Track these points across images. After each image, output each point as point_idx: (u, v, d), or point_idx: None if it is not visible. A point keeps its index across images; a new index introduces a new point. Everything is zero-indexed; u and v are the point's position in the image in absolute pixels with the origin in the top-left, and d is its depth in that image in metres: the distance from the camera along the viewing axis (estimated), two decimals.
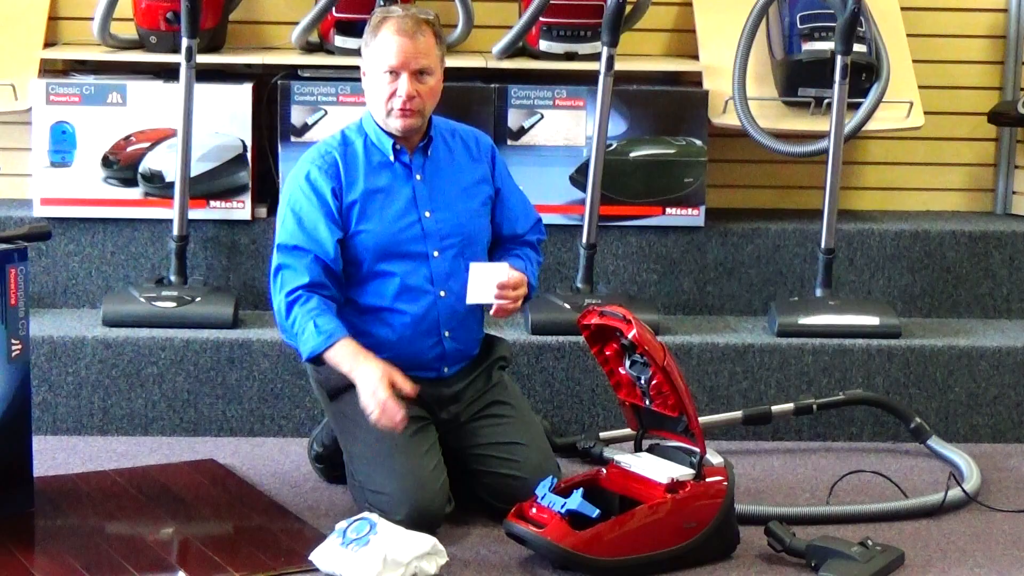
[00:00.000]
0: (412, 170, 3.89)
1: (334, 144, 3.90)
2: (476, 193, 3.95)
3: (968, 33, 5.41)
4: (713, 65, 5.10)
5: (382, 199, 3.85)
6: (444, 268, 3.86)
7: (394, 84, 3.81)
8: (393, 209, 3.85)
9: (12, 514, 3.81)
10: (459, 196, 3.92)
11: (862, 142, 5.33)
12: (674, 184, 4.98)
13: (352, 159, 3.87)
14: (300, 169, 3.88)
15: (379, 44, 3.82)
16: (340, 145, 3.90)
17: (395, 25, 3.81)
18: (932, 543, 3.82)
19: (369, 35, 3.86)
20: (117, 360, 4.52)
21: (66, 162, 4.85)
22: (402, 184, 3.88)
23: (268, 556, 3.62)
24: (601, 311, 3.70)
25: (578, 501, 3.54)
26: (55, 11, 5.16)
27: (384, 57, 3.80)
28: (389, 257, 3.83)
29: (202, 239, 4.89)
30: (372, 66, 3.84)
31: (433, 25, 3.86)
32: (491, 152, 4.04)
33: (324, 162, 3.86)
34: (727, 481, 3.65)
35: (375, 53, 3.83)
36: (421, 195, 3.88)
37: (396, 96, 3.80)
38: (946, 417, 4.67)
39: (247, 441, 4.50)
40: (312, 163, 3.86)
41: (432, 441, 3.83)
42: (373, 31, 3.85)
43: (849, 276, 5.03)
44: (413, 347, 3.84)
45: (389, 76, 3.80)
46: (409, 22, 3.82)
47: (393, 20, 3.83)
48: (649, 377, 3.67)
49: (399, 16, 3.83)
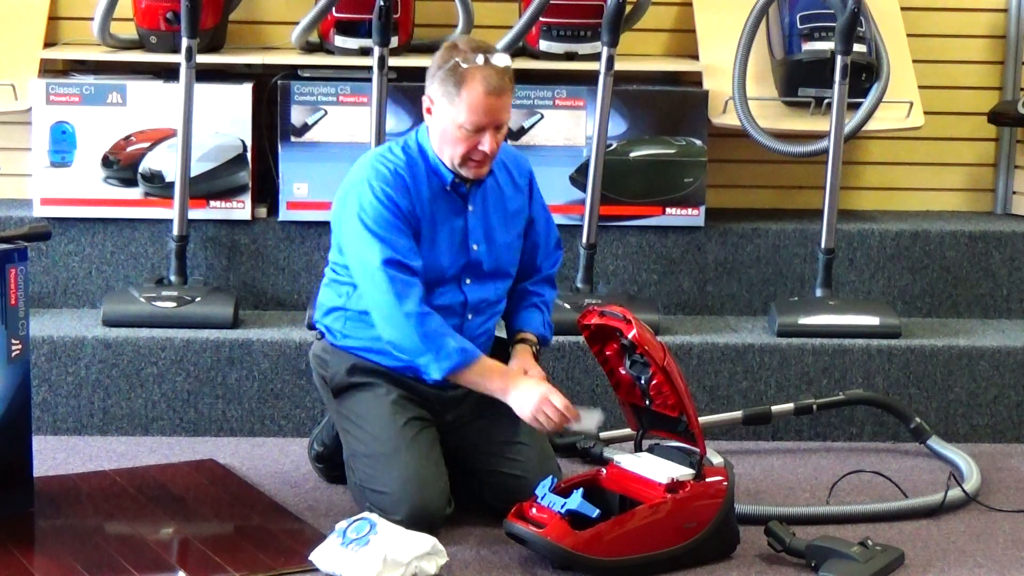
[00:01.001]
0: (467, 201, 3.84)
1: (400, 163, 3.79)
2: (515, 224, 3.93)
3: (968, 33, 5.41)
4: (713, 65, 5.10)
5: (439, 229, 3.80)
6: (477, 295, 3.86)
7: (475, 139, 3.71)
8: (445, 240, 3.81)
9: (12, 514, 3.81)
10: (502, 227, 3.90)
11: (862, 142, 5.34)
12: (674, 184, 4.98)
13: (417, 182, 3.79)
14: (365, 185, 3.75)
15: (466, 100, 3.67)
16: (406, 166, 3.79)
17: (484, 83, 3.67)
18: (932, 543, 3.82)
19: (449, 81, 3.70)
20: (117, 360, 4.52)
21: (66, 162, 4.85)
22: (456, 215, 3.83)
23: (268, 556, 3.62)
24: (601, 311, 3.70)
25: (578, 501, 3.54)
26: (55, 11, 5.16)
27: (471, 115, 3.68)
28: (430, 286, 3.79)
29: (202, 239, 4.89)
30: (450, 116, 3.71)
31: (512, 75, 3.75)
32: (529, 178, 4.00)
33: (395, 180, 3.76)
34: (727, 481, 3.65)
35: (459, 108, 3.69)
36: (473, 227, 3.84)
37: (477, 150, 3.72)
38: (946, 417, 4.67)
39: (247, 441, 4.50)
40: (383, 181, 3.75)
41: (434, 442, 3.83)
42: (456, 80, 3.69)
43: (849, 276, 5.03)
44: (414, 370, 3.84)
45: (471, 131, 3.71)
46: (496, 79, 3.68)
47: (482, 76, 3.67)
48: (649, 377, 3.67)
49: (487, 70, 3.68)
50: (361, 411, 3.83)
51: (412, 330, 3.69)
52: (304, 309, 4.76)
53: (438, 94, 3.74)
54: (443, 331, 3.71)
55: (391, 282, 3.69)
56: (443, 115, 3.74)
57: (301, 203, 4.91)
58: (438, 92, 3.74)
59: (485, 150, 3.73)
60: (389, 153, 3.84)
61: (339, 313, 3.90)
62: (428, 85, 3.77)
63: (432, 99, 3.77)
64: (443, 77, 3.72)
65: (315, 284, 4.86)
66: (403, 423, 3.79)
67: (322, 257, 4.88)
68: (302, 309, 4.81)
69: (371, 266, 3.71)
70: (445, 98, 3.72)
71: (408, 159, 3.81)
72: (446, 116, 3.73)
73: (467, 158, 3.75)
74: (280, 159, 4.91)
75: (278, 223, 4.93)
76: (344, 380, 3.85)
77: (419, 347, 3.70)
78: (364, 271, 3.74)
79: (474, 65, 3.69)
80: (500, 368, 3.76)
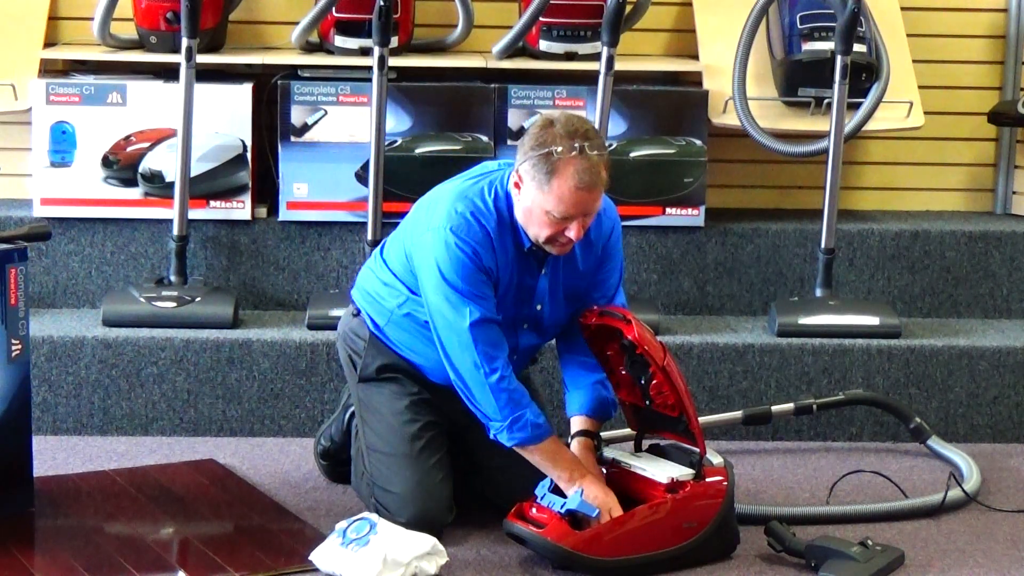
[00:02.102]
0: (542, 265, 3.74)
1: (488, 215, 3.64)
2: (581, 282, 3.81)
3: (968, 33, 5.41)
4: (713, 65, 5.10)
5: (511, 288, 3.72)
6: (529, 342, 3.84)
7: (561, 225, 3.56)
8: (513, 299, 3.73)
9: (12, 514, 3.81)
10: (569, 293, 3.80)
11: (862, 142, 5.33)
12: (674, 184, 4.98)
13: (502, 238, 3.65)
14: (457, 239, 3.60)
15: (556, 191, 3.51)
16: (495, 221, 3.63)
17: (578, 177, 3.50)
18: (932, 543, 3.82)
19: (542, 166, 3.52)
20: (117, 360, 4.52)
21: (66, 162, 4.85)
22: (530, 278, 3.73)
23: (268, 556, 3.62)
24: (601, 311, 3.70)
25: (578, 501, 3.54)
26: (55, 11, 5.16)
27: (560, 206, 3.53)
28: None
29: (202, 239, 4.89)
30: (539, 200, 3.55)
31: (608, 163, 3.57)
32: (608, 237, 3.81)
33: (484, 241, 3.61)
34: (727, 481, 3.65)
35: (549, 196, 3.52)
36: (542, 290, 3.76)
37: (563, 235, 3.59)
38: (946, 417, 4.67)
39: (247, 441, 4.50)
40: (474, 239, 3.60)
41: (443, 450, 3.83)
42: (550, 168, 3.51)
43: (849, 276, 5.03)
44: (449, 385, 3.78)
45: (558, 219, 3.55)
46: (591, 174, 3.51)
47: (575, 170, 3.50)
48: (649, 377, 3.66)
49: (583, 163, 3.50)
50: (382, 406, 3.82)
51: (493, 397, 3.61)
52: (304, 309, 4.76)
53: (528, 176, 3.55)
54: (523, 401, 3.62)
55: (476, 345, 3.59)
56: (531, 197, 3.56)
57: (301, 203, 4.90)
58: (528, 174, 3.55)
59: (571, 236, 3.59)
60: (480, 202, 3.65)
61: (385, 311, 3.83)
62: (519, 161, 3.58)
63: (521, 177, 3.57)
64: (535, 161, 3.53)
65: (315, 284, 4.89)
66: (419, 428, 3.80)
67: (322, 257, 4.89)
68: (302, 309, 4.80)
69: (459, 327, 3.60)
70: (534, 183, 3.54)
71: (498, 215, 3.66)
72: (535, 200, 3.56)
73: (551, 241, 3.62)
74: (280, 159, 4.91)
75: (278, 223, 4.92)
76: (373, 375, 3.85)
77: (496, 412, 3.62)
78: (450, 329, 3.62)
79: (569, 156, 3.52)
80: (569, 458, 3.68)
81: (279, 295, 4.92)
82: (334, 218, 4.90)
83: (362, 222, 4.78)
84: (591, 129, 3.61)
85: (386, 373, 3.85)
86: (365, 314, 3.89)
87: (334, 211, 4.90)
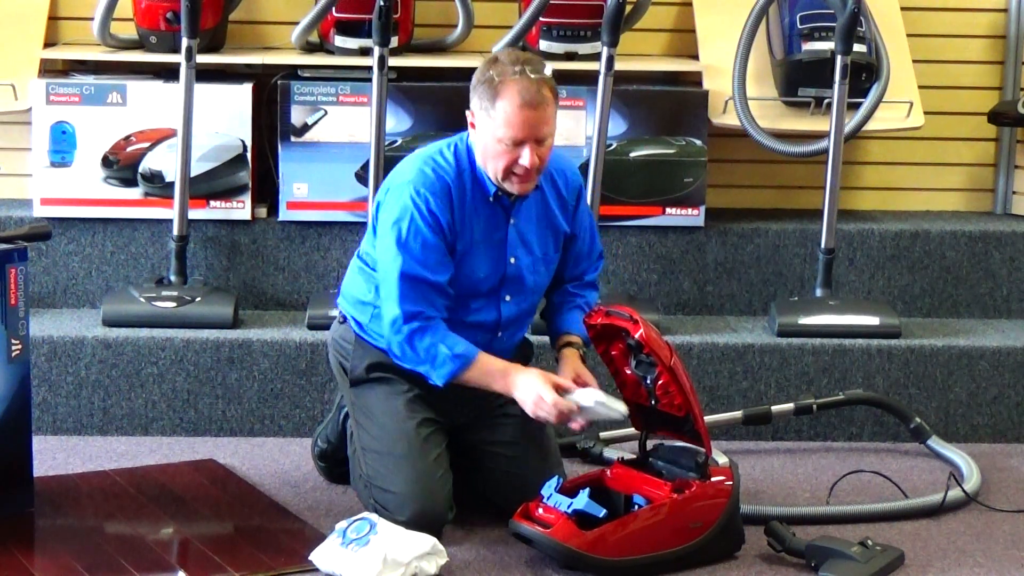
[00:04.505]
0: (509, 214, 3.79)
1: (448, 169, 3.74)
2: (555, 239, 3.88)
3: (968, 33, 5.41)
4: (713, 65, 5.10)
5: (478, 240, 3.77)
6: (512, 312, 3.84)
7: (515, 153, 3.64)
8: (484, 253, 3.78)
9: (12, 514, 3.81)
10: (540, 241, 3.85)
11: (862, 142, 5.33)
12: (674, 184, 4.98)
13: (463, 189, 3.74)
14: (411, 190, 3.71)
15: (502, 112, 3.61)
16: (455, 174, 3.74)
17: (520, 96, 3.60)
18: (932, 543, 3.82)
19: (486, 95, 3.64)
20: (117, 360, 4.52)
21: (66, 162, 4.85)
22: (497, 226, 3.78)
23: (268, 556, 3.62)
24: (607, 311, 3.69)
25: (584, 501, 3.54)
26: (55, 11, 5.16)
27: (508, 128, 3.62)
28: (466, 297, 3.78)
29: (202, 239, 4.89)
30: (489, 129, 3.65)
31: (551, 85, 3.67)
32: (578, 192, 3.92)
33: (441, 191, 3.71)
34: (732, 481, 3.65)
35: (496, 121, 3.63)
36: (512, 240, 3.80)
37: (517, 164, 3.66)
38: (946, 417, 4.67)
39: (247, 441, 4.50)
40: (429, 190, 3.70)
41: (442, 447, 3.83)
42: (492, 92, 3.63)
43: (849, 276, 5.03)
44: None
45: (510, 145, 3.65)
46: (534, 90, 3.60)
47: (516, 87, 3.60)
48: (655, 377, 3.66)
49: (521, 80, 3.60)
50: (376, 406, 3.83)
51: (408, 344, 3.68)
52: (304, 309, 4.76)
53: (477, 108, 3.68)
54: (435, 342, 3.67)
55: (402, 297, 3.67)
56: (483, 129, 3.68)
57: (301, 203, 4.91)
58: (477, 107, 3.68)
59: (525, 164, 3.65)
60: (440, 157, 3.76)
61: (367, 308, 3.86)
62: (470, 99, 3.71)
63: (473, 113, 3.71)
64: (481, 91, 3.66)
65: (315, 284, 4.89)
66: (416, 424, 3.79)
67: (322, 257, 4.89)
68: (302, 309, 4.80)
69: (390, 274, 3.69)
70: (483, 112, 3.66)
71: (458, 166, 3.75)
72: (486, 130, 3.67)
73: (509, 172, 3.68)
74: (280, 159, 4.91)
75: (278, 223, 4.93)
76: (364, 375, 3.85)
77: (417, 359, 3.70)
78: (384, 276, 3.72)
79: (509, 77, 3.62)
80: (500, 367, 3.73)
81: (279, 295, 4.92)
82: (334, 218, 4.90)
83: (362, 222, 4.78)
84: (534, 58, 3.72)
85: (376, 372, 3.84)
86: (350, 318, 3.91)
87: (334, 211, 4.90)
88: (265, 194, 5.02)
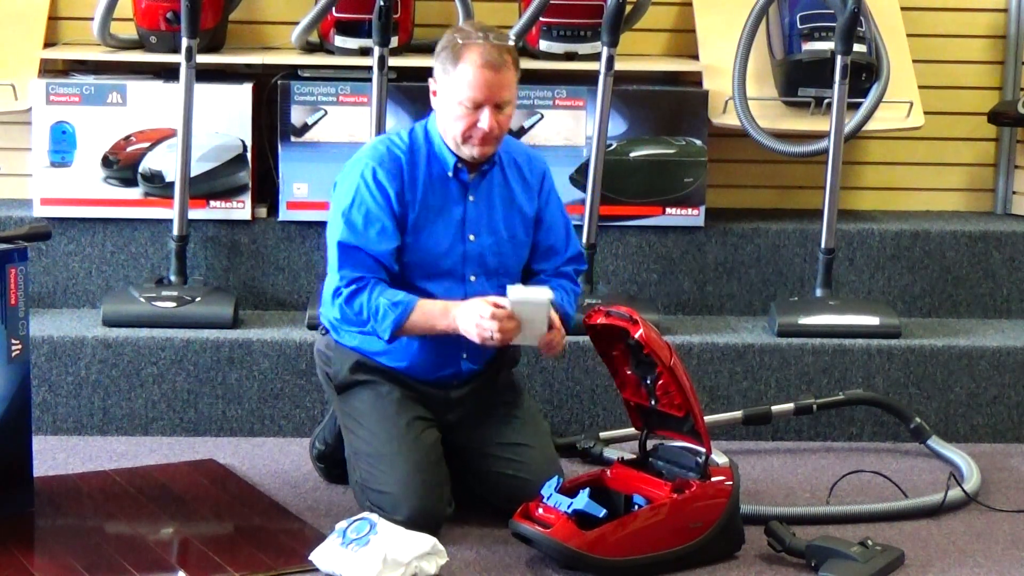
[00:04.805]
0: (468, 190, 3.84)
1: (401, 145, 3.83)
2: (521, 220, 3.90)
3: (968, 33, 5.41)
4: (713, 65, 5.10)
5: (434, 214, 3.81)
6: (479, 293, 3.83)
7: (474, 116, 3.72)
8: (442, 226, 3.81)
9: (12, 514, 3.81)
10: (505, 223, 3.87)
11: (862, 142, 5.33)
12: (674, 184, 4.98)
13: (416, 165, 3.81)
14: (362, 164, 3.80)
15: (463, 74, 3.69)
16: (407, 149, 3.82)
17: (480, 57, 3.69)
18: (932, 543, 3.82)
19: (448, 57, 3.73)
20: (117, 360, 4.52)
21: (66, 162, 4.85)
22: (455, 203, 3.83)
23: (268, 556, 3.62)
24: (607, 311, 3.69)
25: (584, 501, 3.54)
26: (55, 11, 5.16)
27: (468, 89, 3.69)
28: (428, 275, 3.80)
29: (202, 239, 4.89)
30: (450, 92, 3.73)
31: (513, 53, 3.76)
32: (542, 177, 3.96)
33: (391, 162, 3.79)
34: (732, 481, 3.65)
35: (457, 82, 3.71)
36: (470, 217, 3.84)
37: (477, 128, 3.72)
38: (946, 417, 4.67)
39: (247, 441, 4.50)
40: (378, 162, 3.79)
41: (435, 443, 3.83)
42: (454, 56, 3.71)
43: (849, 276, 5.03)
44: (427, 365, 3.84)
45: (470, 107, 3.71)
46: (494, 53, 3.69)
47: (477, 50, 3.69)
48: (655, 377, 3.66)
49: (483, 45, 3.70)
50: (364, 409, 3.83)
51: (347, 307, 3.73)
52: (304, 309, 4.76)
53: (439, 73, 3.77)
54: (374, 296, 3.72)
55: (340, 265, 3.75)
56: (444, 93, 3.76)
57: (301, 203, 4.91)
58: (439, 71, 3.77)
59: (484, 128, 3.72)
60: (395, 136, 3.87)
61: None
62: (433, 68, 3.80)
63: (436, 79, 3.79)
64: (443, 56, 3.75)
65: (315, 284, 4.88)
66: (405, 423, 3.80)
67: (322, 257, 4.89)
68: (302, 309, 4.80)
69: (332, 245, 3.78)
70: (445, 76, 3.74)
71: (411, 143, 3.83)
72: (447, 94, 3.74)
73: (467, 136, 3.75)
74: (280, 159, 4.91)
75: (278, 223, 4.93)
76: (348, 377, 3.85)
77: (360, 319, 3.73)
78: (329, 248, 3.81)
79: (472, 41, 3.71)
80: (440, 306, 3.74)
81: (279, 295, 4.92)
82: None
83: None
84: (497, 29, 3.80)
85: (360, 374, 3.85)
86: (328, 325, 3.93)
87: None
88: (265, 194, 5.02)
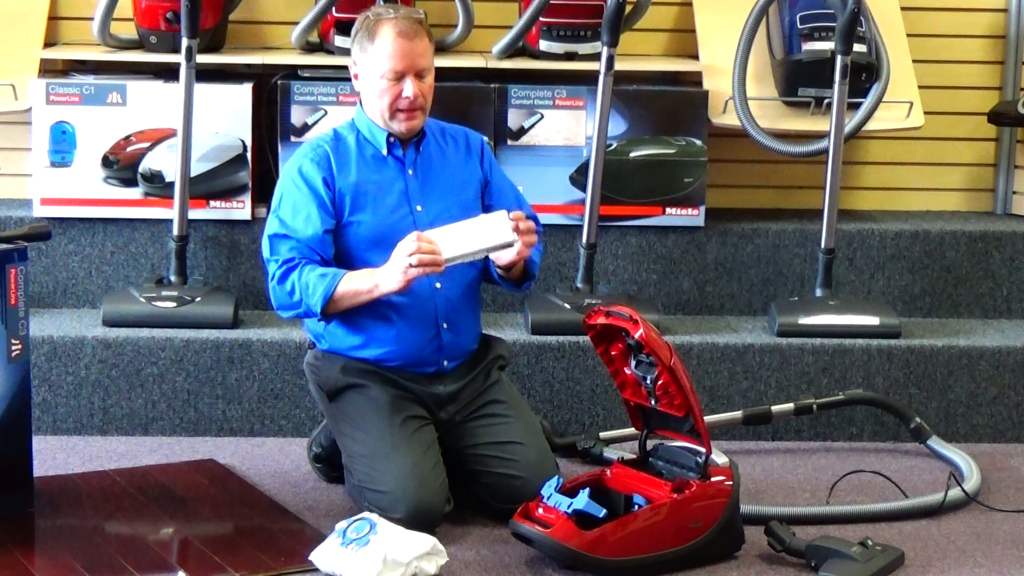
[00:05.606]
0: (405, 164, 3.92)
1: (325, 139, 3.94)
2: (468, 186, 3.98)
3: (968, 33, 5.41)
4: (713, 65, 5.10)
5: (374, 191, 3.88)
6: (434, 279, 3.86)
7: (398, 86, 3.83)
8: (386, 201, 3.88)
9: (12, 514, 3.81)
10: (451, 190, 3.94)
11: (862, 142, 5.33)
12: (674, 184, 4.98)
13: (344, 152, 3.91)
14: (292, 164, 3.93)
15: (381, 48, 3.82)
16: (332, 140, 3.93)
17: (395, 28, 3.81)
18: (932, 543, 3.82)
19: (364, 38, 3.86)
20: (117, 360, 4.52)
21: (66, 162, 4.85)
22: (394, 178, 3.90)
23: (268, 556, 3.62)
24: (607, 311, 3.69)
25: (584, 501, 3.53)
26: (55, 11, 5.16)
27: (387, 61, 3.81)
28: (383, 248, 3.81)
29: (202, 239, 4.89)
30: (371, 69, 3.85)
31: (425, 23, 3.88)
32: (481, 145, 4.06)
33: (315, 154, 3.89)
34: (732, 481, 3.65)
35: (376, 57, 3.83)
36: (413, 189, 3.90)
37: (402, 98, 3.83)
38: (946, 417, 4.67)
39: (247, 441, 4.50)
40: (304, 156, 3.90)
41: (431, 440, 3.83)
42: (369, 34, 3.85)
43: (849, 276, 5.03)
44: (411, 340, 3.85)
45: (392, 79, 3.82)
46: (408, 23, 3.83)
47: (391, 22, 3.83)
48: (655, 377, 3.66)
49: (396, 18, 3.84)
50: (357, 412, 3.84)
51: (280, 285, 3.80)
52: None
53: (357, 53, 3.88)
54: (304, 273, 3.77)
55: (272, 252, 3.84)
56: (365, 72, 3.87)
57: None
58: (357, 52, 3.88)
59: (409, 95, 3.81)
60: (320, 135, 4.00)
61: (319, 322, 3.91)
62: (351, 54, 3.91)
63: (355, 62, 3.89)
64: (359, 37, 3.89)
65: None
66: (399, 422, 3.80)
67: None
68: None
69: (265, 237, 3.87)
70: (363, 54, 3.86)
71: (335, 136, 3.94)
72: (368, 71, 3.85)
73: (395, 109, 3.84)
74: (280, 159, 4.91)
75: None
76: (338, 380, 3.86)
77: (292, 296, 3.78)
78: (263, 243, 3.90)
79: (385, 18, 3.83)
80: (366, 274, 3.79)
81: None
82: None
83: None
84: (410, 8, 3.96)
85: (349, 376, 3.86)
86: (312, 336, 3.97)
87: None
88: (265, 194, 5.00)
